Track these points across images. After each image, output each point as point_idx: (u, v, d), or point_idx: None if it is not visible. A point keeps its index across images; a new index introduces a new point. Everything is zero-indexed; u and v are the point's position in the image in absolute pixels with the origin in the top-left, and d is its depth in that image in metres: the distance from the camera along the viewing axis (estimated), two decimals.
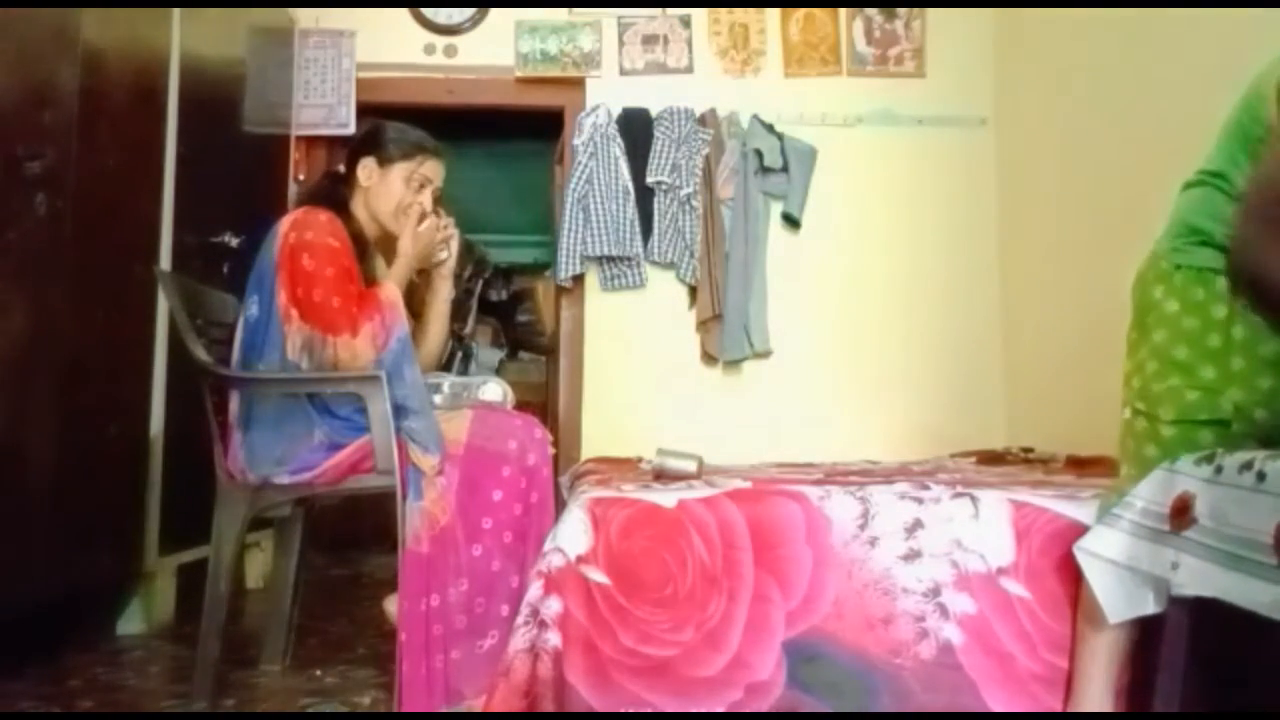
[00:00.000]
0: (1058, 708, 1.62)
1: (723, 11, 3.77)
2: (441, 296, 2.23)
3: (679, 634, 1.61)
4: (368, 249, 2.11)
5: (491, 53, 3.72)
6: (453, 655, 1.81)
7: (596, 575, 1.62)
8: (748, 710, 1.59)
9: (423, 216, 2.12)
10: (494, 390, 2.13)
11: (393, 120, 2.25)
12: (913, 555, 1.67)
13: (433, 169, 2.15)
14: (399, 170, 2.12)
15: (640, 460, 2.45)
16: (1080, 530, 1.64)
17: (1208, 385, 1.46)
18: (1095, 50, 3.04)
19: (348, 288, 1.93)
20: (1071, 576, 1.62)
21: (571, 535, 1.64)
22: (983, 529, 1.69)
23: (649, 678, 1.59)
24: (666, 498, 1.70)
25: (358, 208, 2.13)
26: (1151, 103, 2.72)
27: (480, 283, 5.36)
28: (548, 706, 1.55)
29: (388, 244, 2.14)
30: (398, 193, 2.11)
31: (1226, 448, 1.40)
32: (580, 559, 1.62)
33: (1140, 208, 2.76)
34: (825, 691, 1.60)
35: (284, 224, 2.01)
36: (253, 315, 2.00)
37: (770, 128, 3.65)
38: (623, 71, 3.74)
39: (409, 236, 2.09)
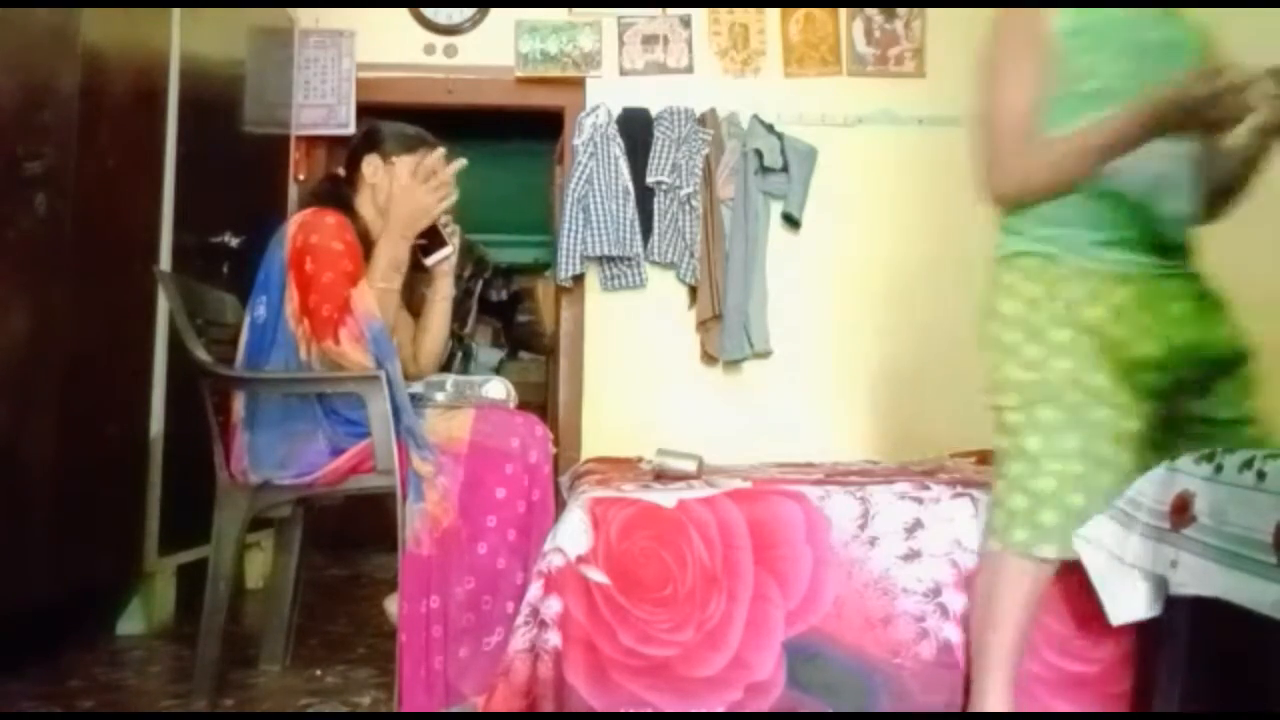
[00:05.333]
0: (1059, 708, 1.62)
1: (723, 11, 3.76)
2: (442, 295, 2.23)
3: (679, 634, 1.61)
4: (373, 248, 2.11)
5: (491, 53, 3.72)
6: (460, 653, 1.81)
7: (596, 575, 1.62)
8: (748, 710, 1.59)
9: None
10: (497, 389, 2.13)
11: (393, 120, 2.26)
12: (913, 555, 1.67)
13: (435, 162, 2.15)
14: (404, 164, 2.11)
15: (640, 460, 2.44)
16: None
17: (1033, 362, 1.51)
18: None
19: (342, 294, 1.92)
20: (1070, 576, 1.62)
21: (571, 535, 1.64)
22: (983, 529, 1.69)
23: (649, 677, 1.59)
24: (666, 497, 1.70)
25: (364, 206, 2.13)
26: None
27: (480, 283, 5.36)
28: (548, 706, 1.56)
29: None
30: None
31: (1069, 419, 1.46)
32: (580, 559, 1.63)
33: None
34: (825, 692, 1.60)
35: (291, 226, 2.01)
36: (260, 317, 2.00)
37: (770, 128, 3.65)
38: (623, 71, 3.73)
39: (397, 196, 2.02)
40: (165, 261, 2.60)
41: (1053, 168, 1.50)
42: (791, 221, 3.66)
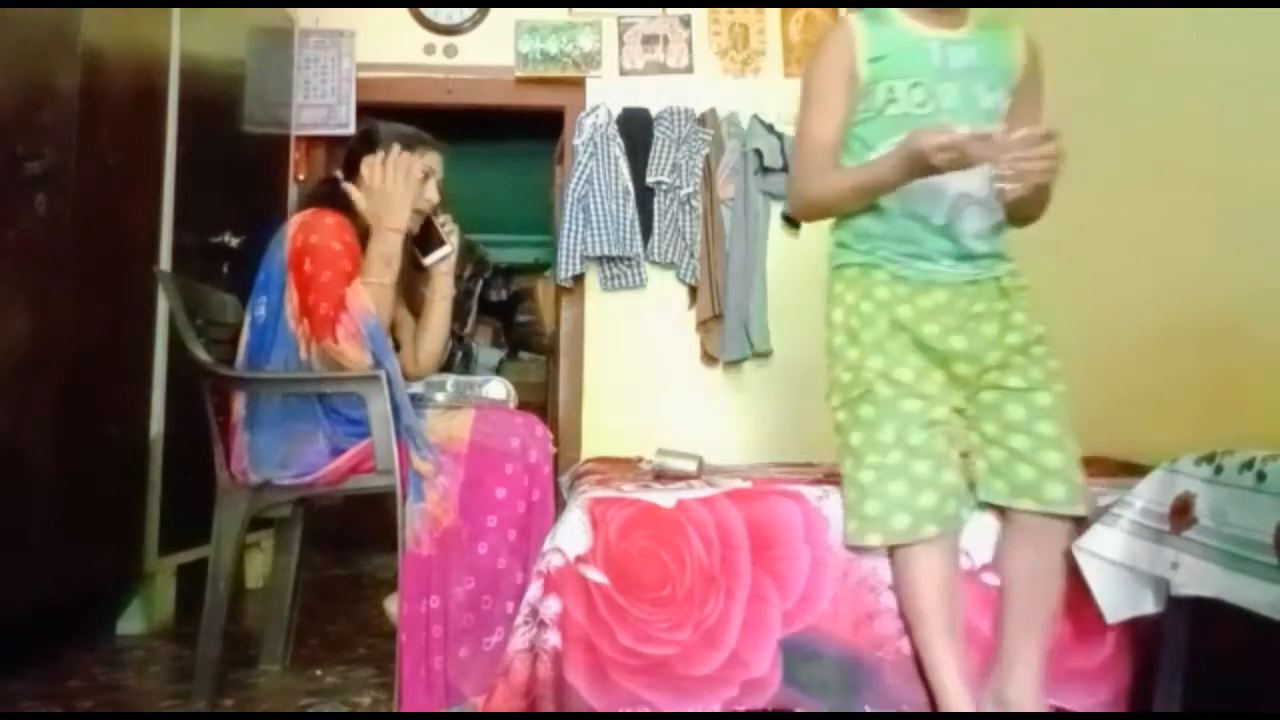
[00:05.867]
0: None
1: (723, 11, 3.77)
2: (441, 294, 2.22)
3: (677, 633, 1.61)
4: None
5: (491, 53, 3.72)
6: (460, 653, 1.82)
7: (595, 575, 1.62)
8: (744, 707, 1.59)
9: (436, 211, 2.15)
10: (498, 389, 2.13)
11: (394, 120, 2.26)
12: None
13: (434, 160, 2.16)
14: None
15: (640, 460, 2.44)
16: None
17: (853, 364, 1.66)
18: (1093, 51, 3.03)
19: (338, 292, 1.92)
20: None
21: (570, 535, 1.64)
22: (970, 527, 1.68)
23: (647, 677, 1.59)
24: (665, 497, 1.70)
25: (364, 205, 2.13)
26: (1149, 103, 2.72)
27: (480, 283, 5.37)
28: (548, 706, 1.55)
29: None
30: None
31: (883, 413, 1.58)
32: (579, 559, 1.62)
33: (1138, 207, 2.76)
34: (820, 689, 1.60)
35: (291, 226, 2.02)
36: (260, 317, 2.01)
37: (770, 128, 3.65)
38: (623, 71, 3.73)
39: (379, 185, 2.05)
40: (165, 261, 2.60)
41: (836, 196, 1.69)
42: (791, 222, 3.66)
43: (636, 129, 3.65)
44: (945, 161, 1.47)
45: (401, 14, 3.74)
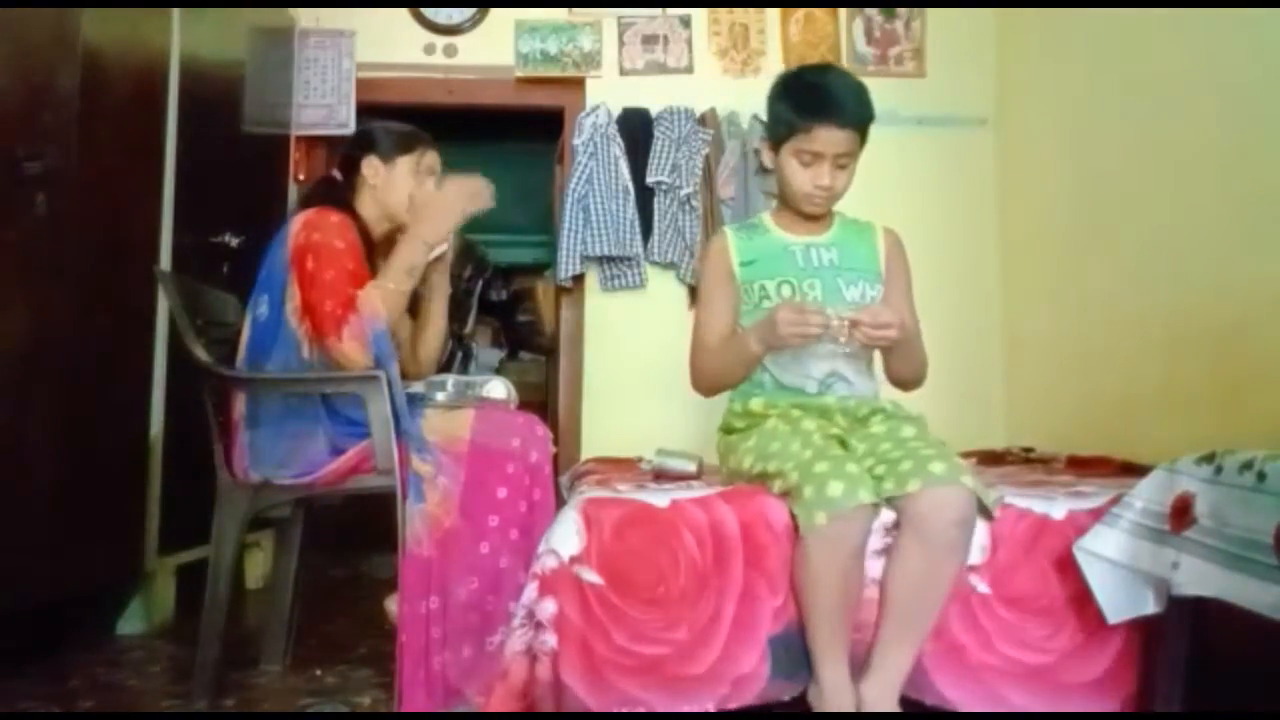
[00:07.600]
0: (1015, 698, 1.62)
1: (723, 11, 3.77)
2: (439, 293, 2.23)
3: (671, 633, 1.61)
4: (374, 248, 2.11)
5: (491, 53, 3.72)
6: (464, 652, 1.81)
7: (590, 575, 1.62)
8: (735, 703, 1.60)
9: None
10: (498, 388, 2.12)
11: (394, 120, 2.27)
12: (886, 551, 1.66)
13: (433, 159, 2.18)
14: (404, 164, 2.14)
15: (640, 460, 2.44)
16: (1047, 524, 1.67)
17: (752, 446, 1.81)
18: (1096, 50, 3.04)
19: (345, 291, 1.92)
20: (1035, 571, 1.65)
21: (564, 536, 1.64)
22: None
23: (642, 676, 1.59)
24: (659, 498, 1.70)
25: (364, 206, 2.13)
26: (1152, 102, 2.72)
27: (480, 283, 5.36)
28: (546, 708, 1.56)
29: (391, 243, 2.13)
30: (407, 185, 2.14)
31: (788, 437, 1.73)
32: (574, 559, 1.62)
33: (1140, 207, 2.76)
34: (801, 679, 1.61)
35: (295, 224, 2.01)
36: (262, 315, 2.01)
37: None
38: (623, 71, 3.73)
39: (412, 212, 2.08)
40: (165, 261, 2.60)
41: (721, 364, 1.91)
42: None
43: (636, 129, 3.64)
44: (789, 326, 1.68)
45: (401, 14, 3.74)
